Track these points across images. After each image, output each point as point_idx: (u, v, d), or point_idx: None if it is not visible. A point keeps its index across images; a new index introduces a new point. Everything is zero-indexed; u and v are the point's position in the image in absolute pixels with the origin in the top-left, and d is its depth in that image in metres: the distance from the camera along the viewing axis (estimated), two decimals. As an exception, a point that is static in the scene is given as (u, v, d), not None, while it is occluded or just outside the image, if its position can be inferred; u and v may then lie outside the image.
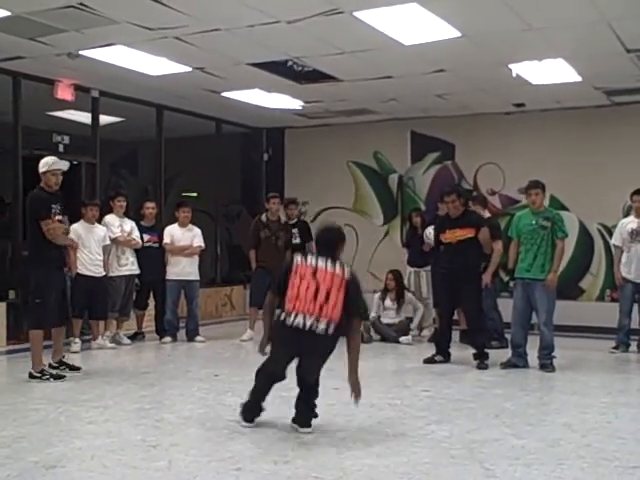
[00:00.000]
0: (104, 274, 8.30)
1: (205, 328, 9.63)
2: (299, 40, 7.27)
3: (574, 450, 4.37)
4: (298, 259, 4.73)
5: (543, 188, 7.22)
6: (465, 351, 7.67)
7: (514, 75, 8.44)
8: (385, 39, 7.12)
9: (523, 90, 9.30)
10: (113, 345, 8.47)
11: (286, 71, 8.51)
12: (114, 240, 8.52)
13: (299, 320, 4.54)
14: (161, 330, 9.04)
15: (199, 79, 8.94)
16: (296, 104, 10.45)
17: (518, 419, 5.15)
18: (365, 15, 6.48)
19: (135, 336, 9.00)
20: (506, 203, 10.89)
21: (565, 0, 6.14)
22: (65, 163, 6.64)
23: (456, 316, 8.05)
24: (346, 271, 4.67)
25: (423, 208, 10.80)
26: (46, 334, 6.66)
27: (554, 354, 7.11)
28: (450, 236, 7.40)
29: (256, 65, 8.28)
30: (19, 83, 8.77)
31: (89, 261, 8.14)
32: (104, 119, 10.26)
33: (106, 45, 7.49)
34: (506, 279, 7.81)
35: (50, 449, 4.31)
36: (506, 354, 7.38)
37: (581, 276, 10.36)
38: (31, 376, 6.37)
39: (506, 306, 8.64)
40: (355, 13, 6.43)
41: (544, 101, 10.04)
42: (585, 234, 10.32)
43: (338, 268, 4.65)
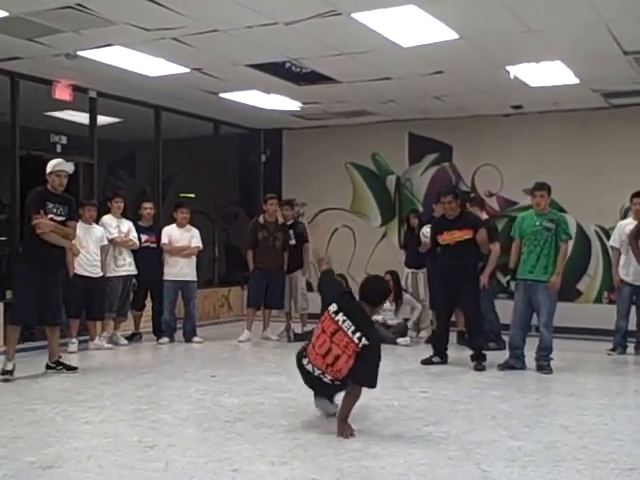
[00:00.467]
0: (101, 275, 8.30)
1: (202, 329, 9.62)
2: (297, 41, 7.27)
3: (571, 452, 4.37)
4: (332, 308, 4.78)
5: (549, 190, 7.19)
6: (462, 352, 7.67)
7: (512, 77, 8.45)
8: (383, 41, 7.13)
9: (521, 92, 9.31)
10: (110, 346, 8.47)
11: (284, 72, 8.51)
12: (111, 241, 8.51)
13: (309, 367, 4.77)
14: (158, 331, 9.04)
15: (197, 80, 8.94)
16: (294, 105, 10.45)
17: (515, 421, 5.14)
18: (363, 17, 6.48)
19: (132, 337, 8.99)
20: (504, 205, 10.91)
21: (563, 2, 6.15)
22: (70, 165, 6.62)
23: (454, 317, 8.07)
24: (362, 342, 4.61)
25: (421, 209, 10.81)
26: (43, 334, 6.63)
27: (551, 356, 7.12)
28: (448, 237, 7.38)
29: (254, 66, 8.29)
30: (17, 83, 8.76)
31: (86, 261, 8.13)
32: (102, 120, 10.24)
33: (104, 46, 7.49)
34: (507, 279, 7.78)
35: (46, 449, 4.31)
36: (503, 356, 7.38)
37: (578, 278, 10.37)
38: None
39: (504, 307, 8.65)
40: (353, 15, 6.43)
41: (542, 103, 10.05)
42: (583, 236, 10.33)
43: (357, 336, 4.62)
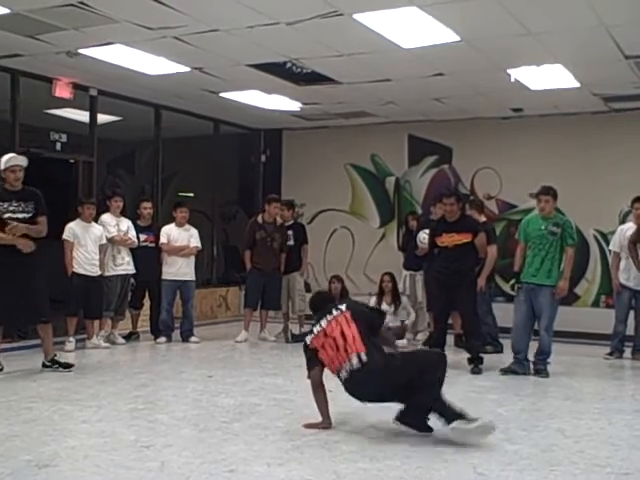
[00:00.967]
0: (100, 273, 8.29)
1: (200, 329, 9.61)
2: (298, 42, 7.27)
3: (567, 456, 4.37)
4: (309, 339, 4.87)
5: (554, 195, 7.13)
6: (459, 355, 7.66)
7: (512, 80, 8.44)
8: (384, 42, 7.12)
9: (521, 95, 9.31)
10: (107, 345, 8.45)
11: (285, 73, 8.51)
12: (110, 239, 8.51)
13: (347, 367, 4.66)
14: (156, 330, 9.03)
15: (198, 79, 8.94)
16: (294, 106, 10.45)
17: (512, 424, 5.14)
18: (364, 18, 6.48)
19: (130, 336, 8.98)
20: (503, 208, 10.91)
21: (564, 6, 6.15)
22: (23, 159, 6.53)
23: (451, 320, 8.06)
24: (342, 306, 4.82)
25: (420, 211, 10.83)
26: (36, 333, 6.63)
27: (548, 360, 7.12)
28: (447, 240, 7.38)
29: (255, 66, 8.28)
30: (17, 81, 8.74)
31: (85, 260, 8.13)
32: (102, 118, 10.23)
33: (105, 44, 7.49)
34: (511, 282, 7.73)
35: (43, 448, 4.30)
36: (501, 359, 7.38)
37: (576, 282, 10.36)
38: None
39: (501, 310, 8.66)
40: (355, 15, 6.43)
41: (542, 106, 10.05)
42: (581, 240, 10.32)
43: (335, 311, 4.80)
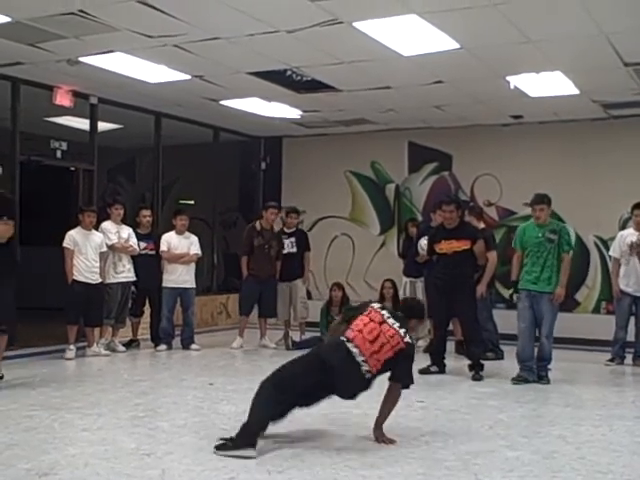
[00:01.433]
0: (100, 281, 8.29)
1: (200, 336, 9.61)
2: (298, 50, 7.29)
3: (568, 462, 4.36)
4: (375, 305, 4.88)
5: (549, 203, 7.15)
6: (460, 362, 7.66)
7: (512, 87, 8.46)
8: (384, 50, 7.14)
9: (521, 102, 9.32)
10: (108, 352, 8.45)
11: (285, 80, 8.53)
12: (111, 247, 8.52)
13: (355, 350, 4.59)
14: (156, 338, 9.03)
15: (198, 87, 8.95)
16: (294, 113, 10.47)
17: (512, 431, 5.14)
18: (364, 26, 6.50)
19: (130, 343, 8.98)
20: (503, 214, 10.92)
21: (563, 13, 6.16)
22: None
23: (451, 327, 8.05)
24: (406, 338, 4.73)
25: (420, 218, 10.82)
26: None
27: (549, 366, 7.11)
28: (446, 247, 7.39)
29: (255, 74, 8.30)
30: (18, 88, 8.75)
31: (85, 268, 8.13)
32: (102, 126, 10.25)
33: (106, 52, 7.51)
34: (510, 292, 7.71)
35: (43, 456, 4.29)
36: (501, 365, 7.38)
37: (577, 288, 10.36)
38: None
39: (502, 317, 8.65)
40: (354, 24, 6.45)
41: (542, 113, 10.07)
42: (581, 246, 10.33)
43: (402, 331, 4.72)
